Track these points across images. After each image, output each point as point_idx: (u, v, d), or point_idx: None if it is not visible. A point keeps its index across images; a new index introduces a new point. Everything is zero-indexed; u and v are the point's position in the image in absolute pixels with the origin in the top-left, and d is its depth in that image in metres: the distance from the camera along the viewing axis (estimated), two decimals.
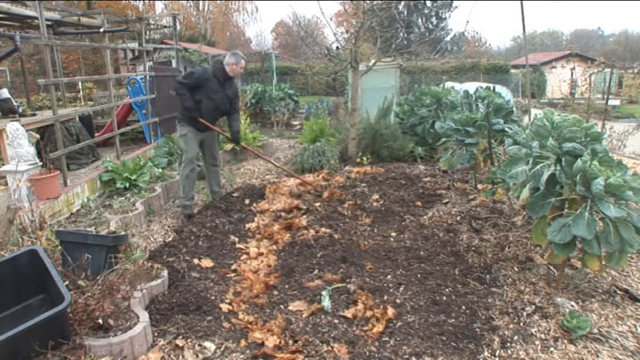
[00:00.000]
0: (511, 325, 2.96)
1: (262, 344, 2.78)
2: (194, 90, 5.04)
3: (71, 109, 8.31)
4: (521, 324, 2.97)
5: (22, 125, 5.05)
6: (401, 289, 3.45)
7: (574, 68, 26.98)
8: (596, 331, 2.85)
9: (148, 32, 15.63)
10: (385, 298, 3.33)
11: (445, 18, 30.89)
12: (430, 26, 30.68)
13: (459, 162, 5.37)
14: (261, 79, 19.06)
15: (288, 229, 4.73)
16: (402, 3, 20.28)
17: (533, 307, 3.15)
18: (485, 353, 2.71)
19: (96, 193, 5.74)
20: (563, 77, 26.48)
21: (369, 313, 3.10)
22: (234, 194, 5.96)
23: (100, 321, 2.69)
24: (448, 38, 28.90)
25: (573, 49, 32.54)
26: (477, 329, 2.93)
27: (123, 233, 3.71)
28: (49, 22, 7.62)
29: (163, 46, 15.10)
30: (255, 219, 5.05)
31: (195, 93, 5.04)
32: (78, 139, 7.16)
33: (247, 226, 4.89)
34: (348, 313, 3.14)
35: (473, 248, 4.10)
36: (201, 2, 31.00)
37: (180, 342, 2.77)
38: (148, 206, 5.28)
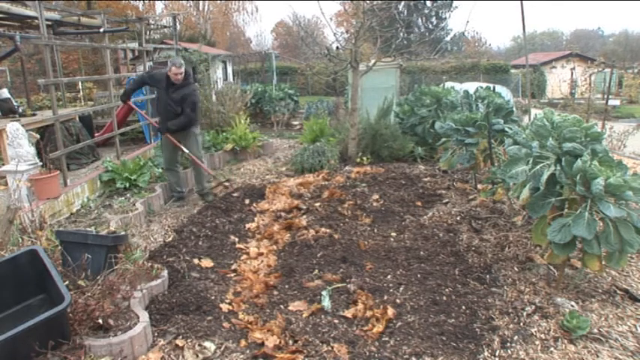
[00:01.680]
0: (511, 325, 2.96)
1: (262, 344, 2.78)
2: (155, 88, 5.69)
3: (71, 109, 8.30)
4: (521, 324, 2.97)
5: (22, 125, 5.04)
6: (401, 289, 3.45)
7: (574, 68, 26.96)
8: (596, 331, 2.85)
9: (148, 32, 15.62)
10: (385, 298, 3.33)
11: (445, 18, 30.85)
12: (430, 26, 30.64)
13: (459, 162, 5.37)
14: (261, 79, 19.06)
15: (288, 229, 4.73)
16: (402, 3, 20.26)
17: (533, 307, 3.15)
18: (485, 353, 2.71)
19: (96, 193, 5.74)
20: (563, 77, 26.47)
21: (369, 313, 3.10)
22: (234, 194, 5.97)
23: (100, 321, 2.69)
24: (448, 38, 28.87)
25: (573, 49, 32.50)
26: (477, 329, 2.93)
27: (123, 233, 3.71)
28: (49, 22, 7.61)
29: (163, 46, 15.07)
30: (255, 219, 5.05)
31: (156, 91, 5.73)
32: (78, 139, 7.15)
33: (247, 226, 4.89)
34: (348, 313, 3.14)
35: (473, 248, 4.10)
36: (201, 2, 30.98)
37: (180, 342, 2.77)
38: (148, 206, 5.28)
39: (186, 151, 5.57)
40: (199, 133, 5.87)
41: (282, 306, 3.30)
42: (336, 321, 3.08)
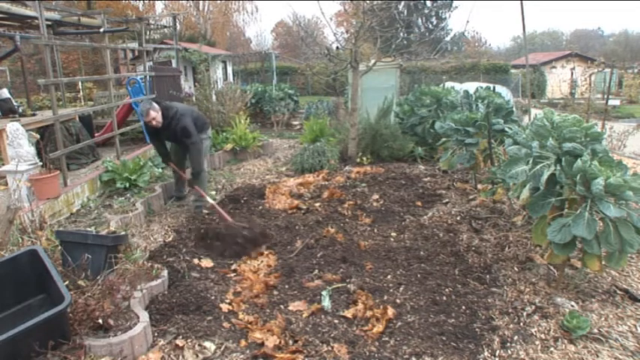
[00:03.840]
0: (511, 325, 2.96)
1: (262, 344, 2.78)
2: None
3: (71, 109, 8.30)
4: (521, 324, 2.97)
5: (22, 125, 5.04)
6: (401, 289, 3.45)
7: (574, 68, 26.97)
8: (596, 331, 2.85)
9: (148, 32, 15.64)
10: (385, 298, 3.33)
11: (445, 18, 30.85)
12: (430, 26, 30.64)
13: (459, 162, 5.37)
14: (261, 79, 19.08)
15: None
16: (402, 3, 20.26)
17: (533, 307, 3.15)
18: (485, 353, 2.71)
19: (96, 193, 5.74)
20: (563, 77, 26.48)
21: (369, 313, 3.10)
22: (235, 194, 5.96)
23: (100, 321, 2.69)
24: (448, 38, 28.86)
25: (573, 49, 32.53)
26: (477, 329, 2.93)
27: (123, 233, 3.70)
28: (49, 22, 7.62)
29: (163, 46, 15.10)
30: None
31: None
32: (78, 139, 7.15)
33: None
34: (348, 313, 3.14)
35: (473, 248, 4.10)
36: (201, 2, 30.99)
37: (180, 342, 2.77)
38: (147, 206, 5.28)
39: (188, 177, 5.32)
40: (206, 138, 5.54)
41: (282, 306, 3.30)
42: (336, 321, 3.08)
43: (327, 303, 3.27)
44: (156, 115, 4.86)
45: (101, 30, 7.32)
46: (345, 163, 7.35)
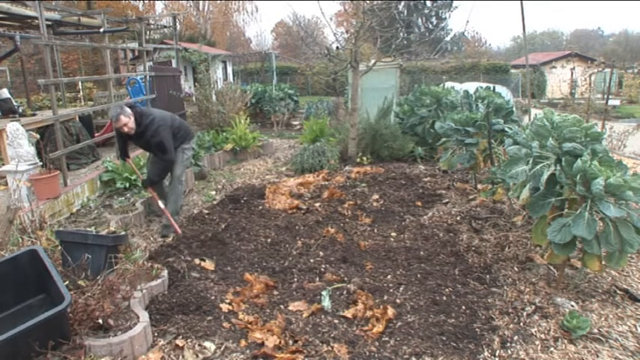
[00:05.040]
0: (511, 325, 2.96)
1: (262, 344, 2.78)
2: None
3: (71, 109, 8.30)
4: (521, 324, 2.97)
5: (22, 125, 5.04)
6: (401, 289, 3.45)
7: (574, 68, 26.93)
8: (596, 331, 2.85)
9: (148, 32, 15.64)
10: (385, 298, 3.33)
11: (445, 18, 30.88)
12: (430, 26, 30.67)
13: (459, 162, 5.37)
14: (261, 79, 19.09)
15: None
16: (402, 3, 20.27)
17: (533, 307, 3.15)
18: (485, 353, 2.71)
19: (96, 193, 5.74)
20: (563, 77, 26.44)
21: (369, 313, 3.10)
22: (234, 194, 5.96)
23: (100, 321, 2.69)
24: (448, 38, 28.88)
25: (573, 49, 32.52)
26: (477, 329, 2.93)
27: (123, 233, 3.70)
28: (49, 22, 7.62)
29: (163, 46, 15.11)
30: None
31: None
32: (78, 139, 7.15)
33: None
34: (348, 313, 3.14)
35: (473, 248, 4.10)
36: (201, 2, 31.02)
37: (180, 342, 2.77)
38: (147, 206, 5.28)
39: (162, 206, 4.64)
40: (189, 148, 4.96)
41: (282, 306, 3.30)
42: (336, 321, 3.08)
43: (327, 303, 3.27)
44: (127, 120, 4.36)
45: (101, 30, 7.32)
46: (345, 163, 7.35)
